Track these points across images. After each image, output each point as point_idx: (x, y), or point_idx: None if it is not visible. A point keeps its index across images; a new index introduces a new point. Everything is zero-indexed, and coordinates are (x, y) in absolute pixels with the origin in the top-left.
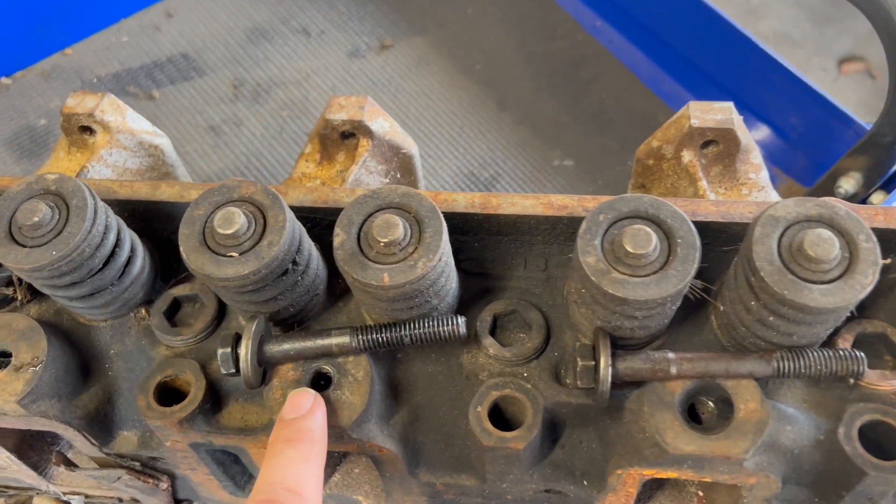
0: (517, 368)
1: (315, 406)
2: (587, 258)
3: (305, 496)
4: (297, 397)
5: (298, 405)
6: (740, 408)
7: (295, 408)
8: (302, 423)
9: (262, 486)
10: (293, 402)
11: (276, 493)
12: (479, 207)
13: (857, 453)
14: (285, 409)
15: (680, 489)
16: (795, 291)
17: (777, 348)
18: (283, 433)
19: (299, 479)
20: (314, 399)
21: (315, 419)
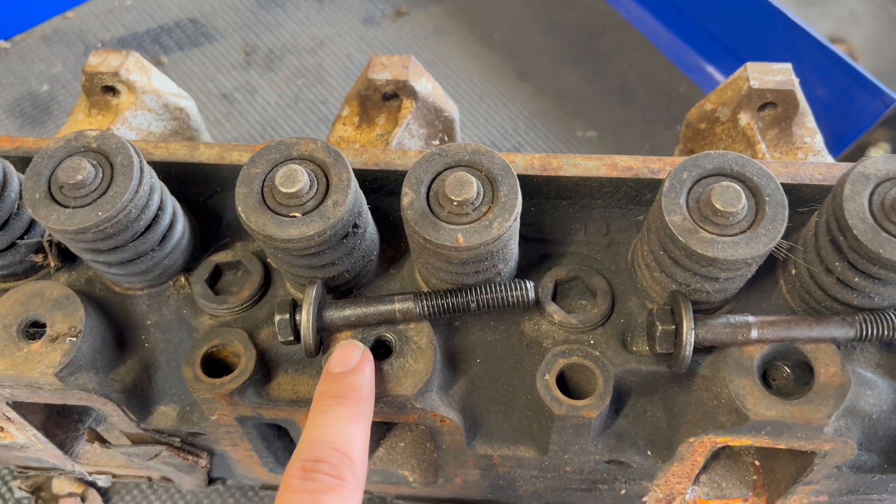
0: (583, 336)
1: (364, 360)
2: (673, 217)
3: (353, 458)
4: (344, 350)
5: (347, 358)
6: (821, 372)
7: (343, 360)
8: (350, 379)
9: (308, 443)
10: (341, 355)
11: (323, 452)
12: (539, 169)
13: None
14: (332, 362)
15: (735, 458)
16: (891, 249)
17: (857, 311)
18: (331, 388)
19: (347, 440)
20: (363, 353)
21: (364, 374)
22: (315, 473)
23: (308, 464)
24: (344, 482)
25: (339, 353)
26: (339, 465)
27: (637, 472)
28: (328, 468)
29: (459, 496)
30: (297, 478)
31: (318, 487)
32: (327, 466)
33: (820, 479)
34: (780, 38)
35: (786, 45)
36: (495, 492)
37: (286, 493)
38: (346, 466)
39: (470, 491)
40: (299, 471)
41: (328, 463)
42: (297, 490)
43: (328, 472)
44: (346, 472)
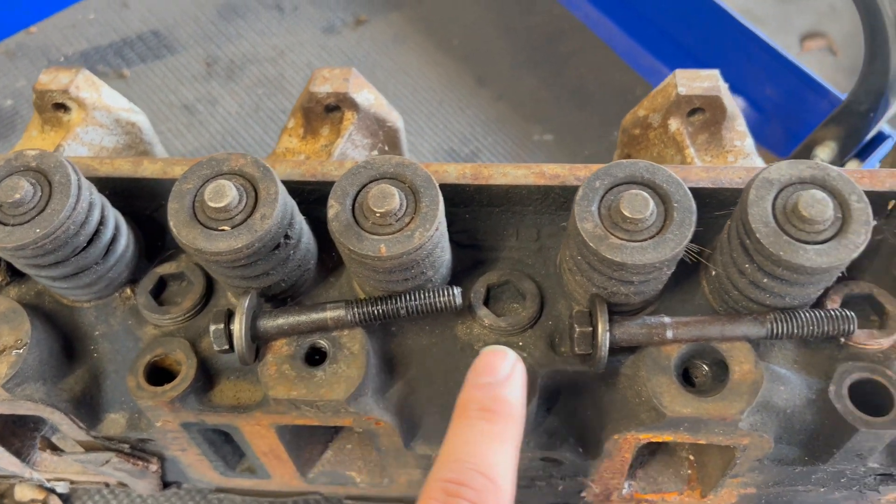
0: (512, 338)
1: (514, 371)
2: (585, 224)
3: (498, 485)
4: (493, 356)
5: (495, 367)
6: (735, 370)
7: (492, 369)
8: (500, 391)
9: (449, 461)
10: (488, 362)
11: (467, 475)
12: (471, 178)
13: (847, 410)
14: (479, 368)
15: (671, 454)
16: (791, 252)
17: (770, 310)
18: (477, 397)
19: (494, 463)
20: (513, 361)
21: (514, 387)
22: (457, 499)
23: (451, 486)
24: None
25: (487, 359)
26: (483, 491)
27: (571, 468)
28: (471, 494)
29: (407, 496)
30: (437, 500)
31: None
32: (470, 492)
33: (745, 472)
34: (732, 40)
35: (737, 46)
36: None
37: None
38: (489, 493)
39: (416, 490)
40: (440, 493)
41: (471, 488)
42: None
43: (471, 498)
44: (489, 499)
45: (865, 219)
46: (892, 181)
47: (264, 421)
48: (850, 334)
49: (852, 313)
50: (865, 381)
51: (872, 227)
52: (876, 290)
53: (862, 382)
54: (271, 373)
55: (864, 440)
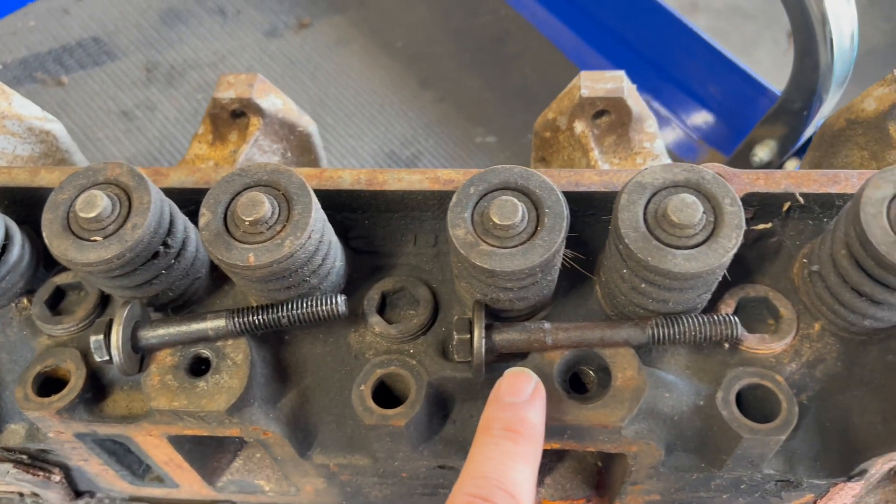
0: (404, 346)
1: (535, 394)
2: (456, 231)
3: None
4: (516, 378)
5: (519, 388)
6: (618, 376)
7: (515, 390)
8: (523, 413)
9: (474, 476)
10: (512, 384)
11: (492, 491)
12: (366, 184)
13: (733, 417)
14: (503, 389)
15: (580, 460)
16: (659, 257)
17: (654, 315)
18: (503, 418)
19: (518, 482)
20: (535, 385)
21: (536, 409)
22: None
23: (475, 501)
24: None
25: (510, 381)
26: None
27: None
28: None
29: (317, 503)
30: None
31: None
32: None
33: (643, 480)
34: (675, 38)
35: (680, 44)
36: (348, 498)
37: None
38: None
39: (324, 498)
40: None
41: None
42: None
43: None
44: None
45: (737, 222)
46: (788, 182)
47: (154, 431)
48: (735, 340)
49: (735, 318)
50: (756, 387)
51: (759, 230)
52: (772, 293)
53: (752, 388)
54: (154, 383)
55: (752, 447)
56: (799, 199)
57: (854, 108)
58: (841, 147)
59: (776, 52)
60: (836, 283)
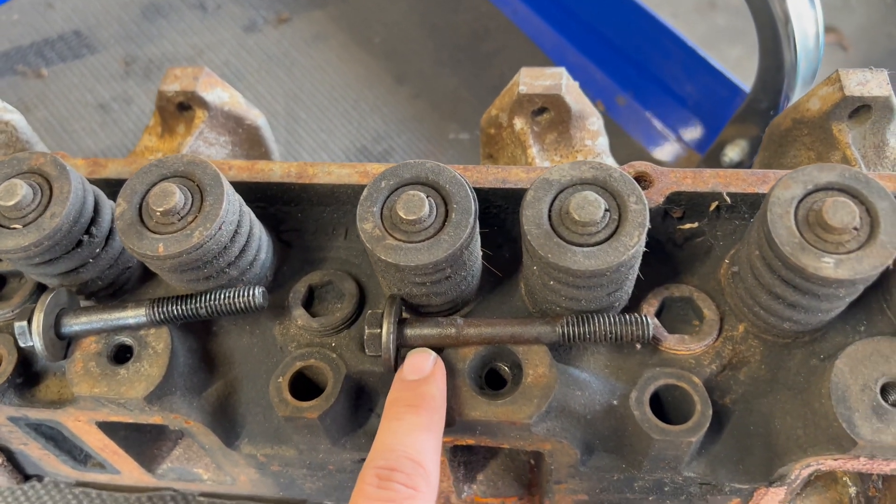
0: (326, 339)
1: (436, 369)
2: (364, 225)
3: (427, 469)
4: (417, 357)
5: (419, 366)
6: (529, 373)
7: (416, 369)
8: (424, 388)
9: (381, 450)
10: (413, 363)
11: (398, 461)
12: (295, 177)
13: (644, 418)
14: (405, 369)
15: (513, 458)
16: (559, 255)
17: (567, 313)
18: (404, 395)
19: (420, 449)
20: (434, 361)
21: (436, 384)
22: (390, 482)
23: (383, 472)
24: (418, 492)
25: (412, 360)
26: (414, 474)
27: None
28: (403, 477)
29: (255, 494)
30: (371, 485)
31: (393, 497)
32: (402, 476)
33: (566, 479)
34: (651, 37)
35: (656, 43)
36: (284, 490)
37: (361, 500)
38: (420, 476)
39: (261, 489)
40: (374, 478)
41: (403, 472)
42: (373, 498)
43: (403, 481)
44: (420, 482)
45: (641, 221)
46: (716, 182)
47: (82, 417)
48: (647, 340)
49: (648, 318)
50: (673, 389)
51: (647, 229)
52: (697, 294)
53: (670, 390)
54: (77, 370)
55: (664, 448)
56: (726, 199)
57: (800, 108)
58: (789, 147)
59: None
60: (752, 284)
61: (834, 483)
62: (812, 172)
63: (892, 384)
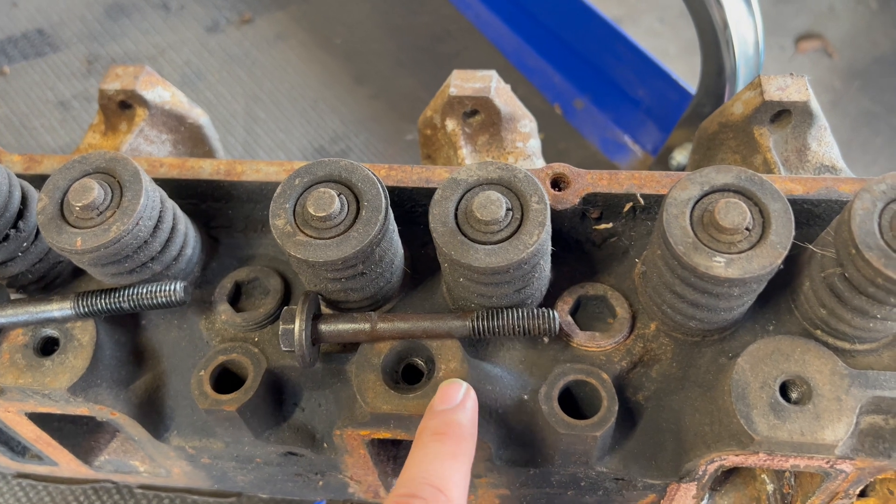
0: (249, 334)
1: (466, 398)
2: (276, 221)
3: (450, 496)
4: (448, 387)
5: (449, 396)
6: (441, 367)
7: (446, 399)
8: (451, 416)
9: (404, 479)
10: (444, 393)
11: (419, 488)
12: (224, 174)
13: (552, 412)
14: (436, 399)
15: None
16: (462, 252)
17: (479, 308)
18: (431, 424)
19: (444, 477)
20: (465, 390)
21: (465, 412)
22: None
23: (402, 499)
24: None
25: (442, 390)
26: (433, 499)
27: (320, 463)
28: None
29: (191, 486)
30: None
31: None
32: (420, 502)
33: (485, 473)
34: (604, 41)
35: (609, 47)
36: (218, 482)
37: None
38: (440, 503)
39: (196, 481)
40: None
41: (422, 498)
42: None
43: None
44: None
45: (541, 220)
46: (631, 183)
47: (11, 408)
48: (553, 334)
49: (554, 312)
50: (582, 384)
51: (548, 229)
52: (611, 292)
53: (580, 385)
54: (4, 361)
55: (572, 443)
56: (640, 201)
57: (725, 112)
58: (717, 151)
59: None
60: (657, 283)
61: (752, 480)
62: (709, 174)
63: (792, 382)
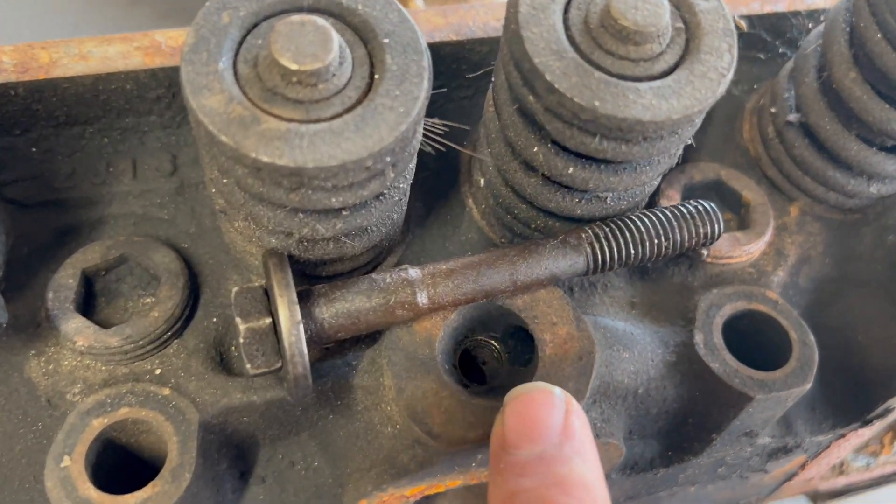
0: (140, 364)
1: (570, 420)
2: (204, 100)
3: None
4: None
5: (538, 422)
6: (545, 339)
7: (532, 429)
8: (562, 468)
9: None
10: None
11: None
12: (17, 71)
13: (730, 369)
14: (510, 435)
15: None
16: (612, 99)
17: (581, 226)
18: (528, 491)
19: None
20: (565, 406)
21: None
22: None
23: None
24: None
25: (518, 410)
26: None
27: None
28: None
29: None
30: None
31: None
32: None
33: None
34: None
35: None
36: None
37: None
38: None
39: None
40: None
41: None
42: None
43: None
44: None
45: (723, 26)
46: None
47: None
48: (717, 237)
49: (712, 205)
50: (743, 316)
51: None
52: (724, 171)
53: (737, 318)
54: None
55: (760, 410)
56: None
57: None
58: None
59: None
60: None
61: None
62: None
63: None
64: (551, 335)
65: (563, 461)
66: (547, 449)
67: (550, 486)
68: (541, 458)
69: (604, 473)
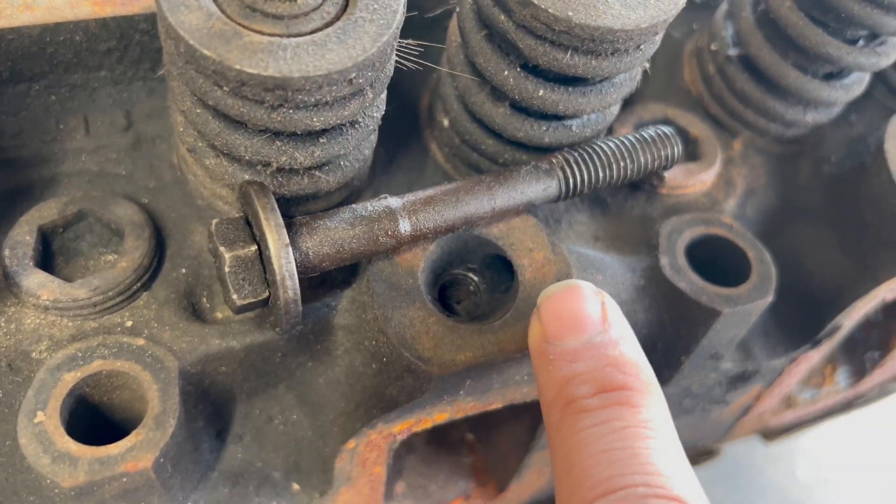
0: (110, 317)
1: (608, 310)
2: (182, 16)
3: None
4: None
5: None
6: (524, 265)
7: (573, 322)
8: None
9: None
10: (563, 312)
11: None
12: None
13: (698, 286)
14: (551, 330)
15: (440, 443)
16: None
17: (550, 154)
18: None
19: (669, 474)
20: (596, 295)
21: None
22: None
23: None
24: None
25: (556, 307)
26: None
27: None
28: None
29: None
30: None
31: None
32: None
33: None
34: None
35: None
36: None
37: None
38: None
39: None
40: None
41: None
42: None
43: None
44: None
45: None
46: None
47: None
48: (673, 162)
49: (671, 129)
50: (702, 241)
51: None
52: (670, 110)
53: (697, 244)
54: None
55: (727, 327)
56: None
57: None
58: None
59: None
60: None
61: None
62: None
63: None
64: (529, 260)
65: (612, 345)
66: (594, 336)
67: (605, 367)
68: (590, 343)
69: None
